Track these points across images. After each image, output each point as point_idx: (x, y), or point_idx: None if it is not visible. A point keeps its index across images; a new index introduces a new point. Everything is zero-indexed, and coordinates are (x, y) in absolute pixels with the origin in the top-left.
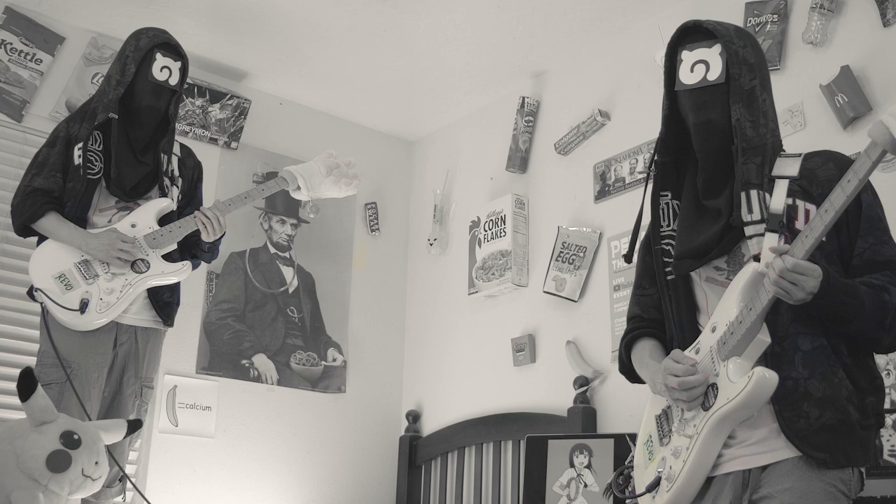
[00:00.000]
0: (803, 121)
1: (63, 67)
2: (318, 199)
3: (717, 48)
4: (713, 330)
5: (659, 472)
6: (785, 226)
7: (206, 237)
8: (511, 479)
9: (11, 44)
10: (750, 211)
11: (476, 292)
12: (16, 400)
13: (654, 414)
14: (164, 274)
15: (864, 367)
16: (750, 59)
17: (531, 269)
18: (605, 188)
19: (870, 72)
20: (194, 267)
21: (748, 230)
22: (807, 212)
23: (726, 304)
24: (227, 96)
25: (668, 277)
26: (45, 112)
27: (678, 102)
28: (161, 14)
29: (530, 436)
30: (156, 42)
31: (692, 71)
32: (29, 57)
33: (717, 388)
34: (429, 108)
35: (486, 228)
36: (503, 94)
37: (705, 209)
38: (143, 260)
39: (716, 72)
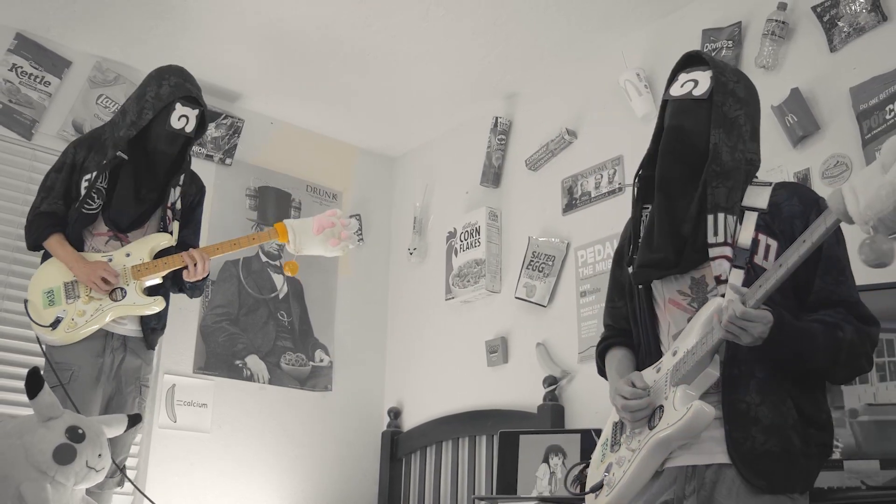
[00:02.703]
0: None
1: (70, 89)
2: (302, 255)
3: (710, 73)
4: (674, 353)
5: (605, 475)
6: (747, 261)
7: (188, 277)
8: (485, 471)
9: (22, 67)
10: (715, 234)
11: (453, 298)
12: (25, 398)
13: (613, 420)
14: (135, 305)
15: (812, 399)
16: (739, 94)
17: (504, 276)
18: (573, 201)
19: (818, 93)
20: (191, 295)
21: (712, 252)
22: (767, 247)
23: (689, 331)
24: (222, 116)
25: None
26: (52, 131)
27: (663, 126)
28: (160, 40)
29: (503, 431)
30: (177, 95)
31: (682, 87)
32: (38, 79)
33: (662, 411)
34: (409, 127)
35: (462, 239)
36: (478, 114)
37: (665, 221)
38: (121, 289)
39: (702, 89)
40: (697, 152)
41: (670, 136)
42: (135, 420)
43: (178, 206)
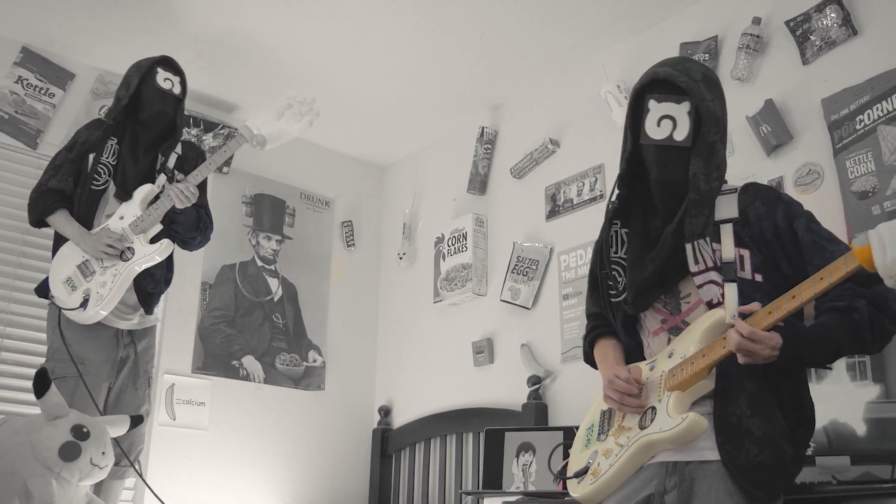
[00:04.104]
0: (732, 148)
1: (73, 101)
2: (280, 143)
3: (686, 106)
4: (670, 355)
5: (589, 462)
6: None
7: (179, 204)
8: (472, 466)
9: (27, 79)
10: (696, 261)
11: (440, 301)
12: (33, 397)
13: (601, 408)
14: (147, 255)
15: (798, 400)
16: (717, 112)
17: (489, 280)
18: (556, 208)
19: (791, 104)
20: (186, 244)
21: (697, 280)
22: (741, 257)
23: (688, 338)
24: (220, 126)
25: (613, 300)
26: (57, 140)
27: (639, 146)
28: (160, 52)
29: (489, 428)
30: (155, 59)
31: (659, 125)
32: (43, 91)
33: (655, 413)
34: (399, 137)
35: (450, 244)
36: (465, 125)
37: (652, 250)
38: (129, 248)
39: (682, 132)
40: (684, 189)
41: (664, 189)
42: (137, 421)
43: (171, 166)
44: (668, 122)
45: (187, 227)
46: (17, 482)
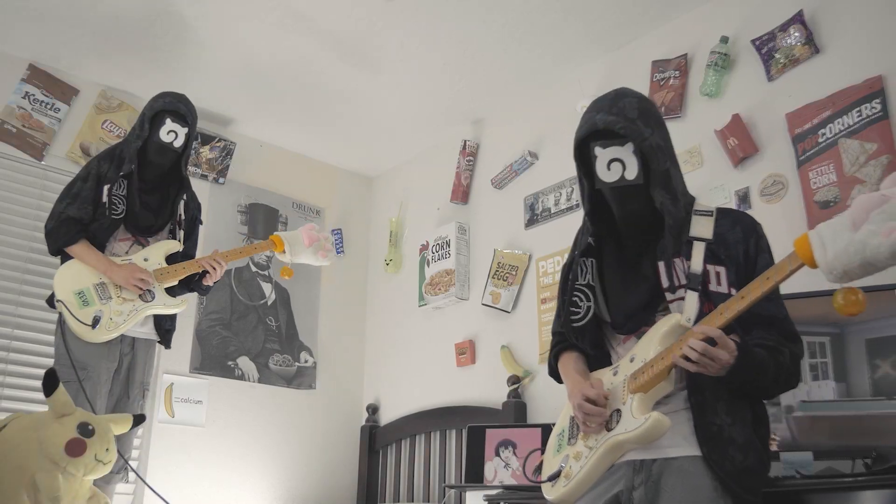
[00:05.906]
0: (701, 160)
1: (77, 115)
2: (295, 262)
3: (630, 147)
4: (631, 360)
5: (561, 466)
6: (700, 287)
7: (209, 281)
8: (454, 462)
9: (34, 95)
10: (669, 279)
11: (425, 304)
12: (41, 395)
13: (570, 414)
14: (165, 306)
15: (754, 402)
16: (659, 143)
17: (472, 285)
18: (534, 217)
19: (757, 119)
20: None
21: (668, 296)
22: (717, 273)
23: (647, 342)
24: (216, 139)
25: (574, 325)
26: (62, 153)
27: (598, 188)
28: (159, 70)
29: (471, 425)
30: (167, 108)
31: (609, 169)
32: (48, 106)
33: (620, 415)
34: (386, 149)
35: (434, 251)
36: (448, 138)
37: (633, 275)
38: (149, 291)
39: (632, 171)
40: (648, 216)
41: (628, 222)
42: (139, 420)
43: (183, 217)
44: (618, 164)
45: (203, 295)
46: (25, 476)
